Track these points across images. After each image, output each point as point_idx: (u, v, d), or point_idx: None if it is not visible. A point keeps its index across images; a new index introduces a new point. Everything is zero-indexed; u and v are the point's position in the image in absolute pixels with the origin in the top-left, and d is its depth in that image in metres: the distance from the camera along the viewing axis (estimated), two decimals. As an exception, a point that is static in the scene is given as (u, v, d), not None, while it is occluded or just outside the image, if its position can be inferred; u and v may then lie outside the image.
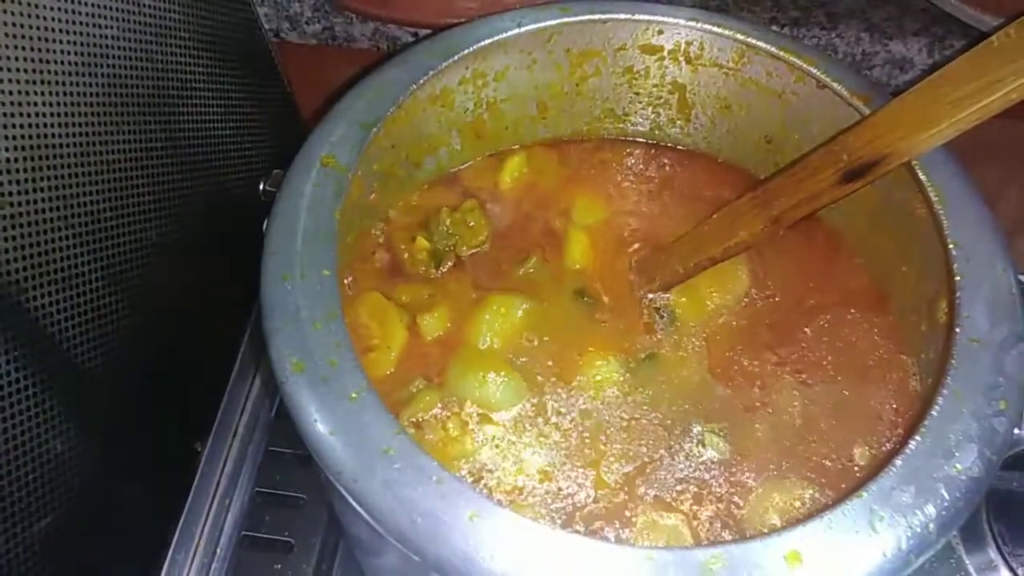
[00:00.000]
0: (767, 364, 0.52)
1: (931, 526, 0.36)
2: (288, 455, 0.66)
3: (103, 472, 0.55)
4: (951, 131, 0.40)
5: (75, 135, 0.50)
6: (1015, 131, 0.67)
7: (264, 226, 0.45)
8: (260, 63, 0.73)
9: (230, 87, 0.67)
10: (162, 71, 0.58)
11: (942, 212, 0.46)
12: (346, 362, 0.39)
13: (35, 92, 0.46)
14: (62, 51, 0.48)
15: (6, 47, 0.44)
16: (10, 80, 0.44)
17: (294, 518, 0.63)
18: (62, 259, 0.49)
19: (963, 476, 0.37)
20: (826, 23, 0.73)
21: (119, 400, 0.56)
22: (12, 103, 0.45)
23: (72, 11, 0.49)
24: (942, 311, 0.45)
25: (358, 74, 0.51)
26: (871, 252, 0.56)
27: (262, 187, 0.53)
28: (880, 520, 0.36)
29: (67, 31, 0.48)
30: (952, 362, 0.41)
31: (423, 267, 0.55)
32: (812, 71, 0.53)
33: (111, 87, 0.53)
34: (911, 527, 0.36)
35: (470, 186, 0.60)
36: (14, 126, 0.45)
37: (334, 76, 0.75)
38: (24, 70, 0.45)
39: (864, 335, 0.53)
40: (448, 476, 0.36)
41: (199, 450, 0.64)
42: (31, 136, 0.46)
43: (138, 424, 0.59)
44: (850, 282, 0.56)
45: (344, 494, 0.37)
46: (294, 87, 0.78)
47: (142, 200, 0.57)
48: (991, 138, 0.52)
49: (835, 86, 0.52)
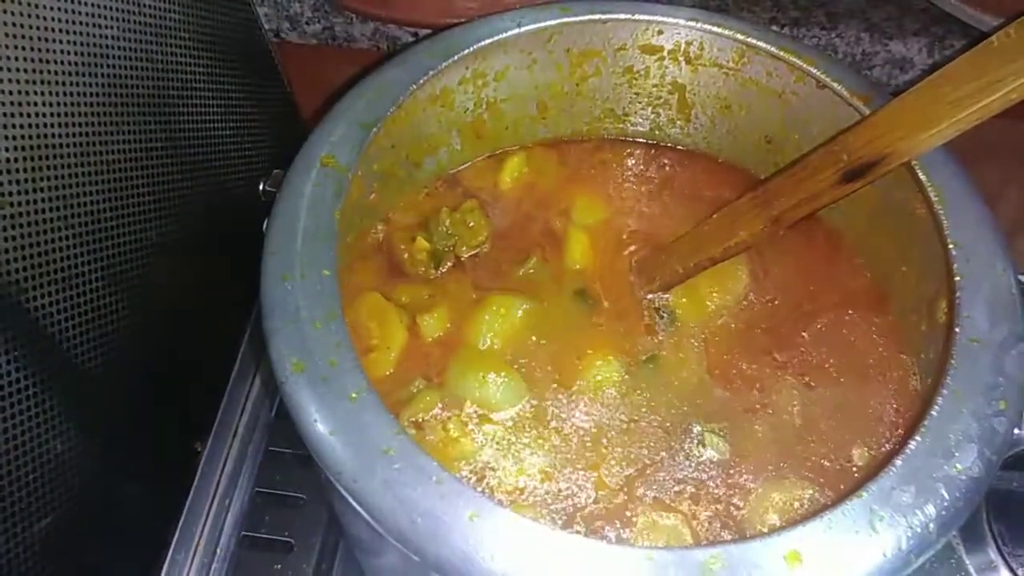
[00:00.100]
0: (767, 364, 0.52)
1: (931, 526, 0.36)
2: (288, 455, 0.66)
3: (103, 472, 0.55)
4: (951, 131, 0.40)
5: (75, 135, 0.50)
6: (1015, 131, 0.67)
7: (264, 226, 0.45)
8: (260, 63, 0.73)
9: (230, 87, 0.67)
10: (162, 71, 0.58)
11: (942, 212, 0.46)
12: (346, 362, 0.39)
13: (35, 92, 0.46)
14: (62, 51, 0.48)
15: (6, 47, 0.44)
16: (10, 80, 0.44)
17: (294, 518, 0.63)
18: (62, 259, 0.49)
19: (963, 476, 0.37)
20: (826, 23, 0.73)
21: (119, 400, 0.56)
22: (12, 103, 0.45)
23: (72, 11, 0.49)
24: (942, 311, 0.45)
25: (358, 74, 0.51)
26: (871, 252, 0.56)
27: (262, 187, 0.53)
28: (880, 520, 0.36)
29: (67, 31, 0.48)
30: (952, 362, 0.41)
31: (423, 267, 0.55)
32: (812, 71, 0.53)
33: (111, 87, 0.53)
34: (911, 527, 0.36)
35: (470, 186, 0.60)
36: (14, 126, 0.45)
37: (334, 76, 0.75)
38: (24, 70, 0.45)
39: (864, 335, 0.53)
40: (448, 476, 0.36)
41: (199, 450, 0.64)
42: (31, 136, 0.46)
43: (138, 424, 0.59)
44: (850, 282, 0.56)
45: (344, 494, 0.37)
46: (294, 87, 0.78)
47: (142, 200, 0.57)
48: (991, 138, 0.52)
49: (835, 86, 0.52)
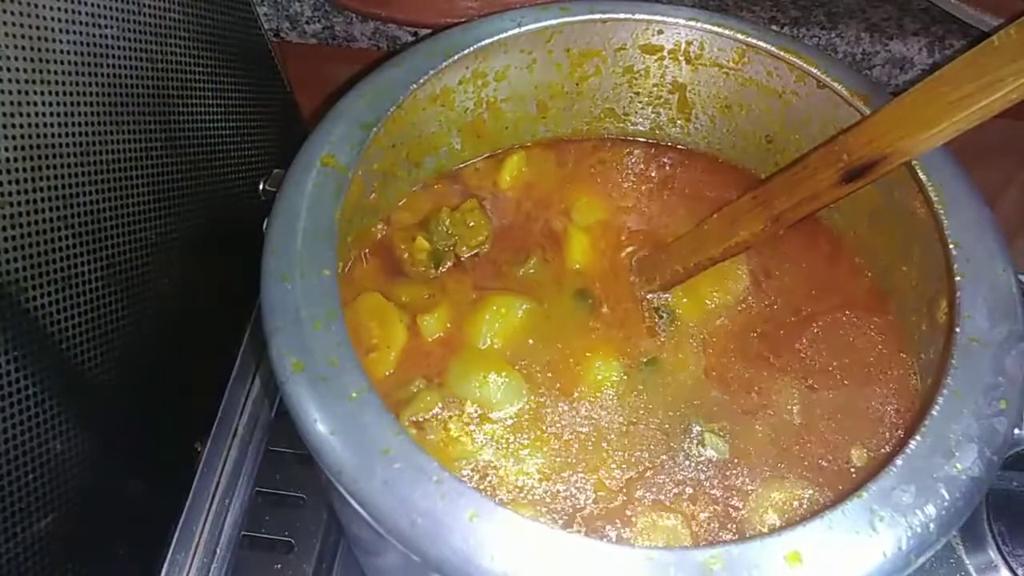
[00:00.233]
0: (767, 364, 0.52)
1: (931, 526, 0.36)
2: (288, 455, 0.66)
3: (103, 472, 0.55)
4: (951, 131, 0.40)
5: (75, 135, 0.50)
6: (1015, 131, 0.67)
7: (264, 226, 0.45)
8: (260, 63, 0.73)
9: (230, 87, 0.67)
10: (162, 71, 0.58)
11: (942, 212, 0.46)
12: (346, 362, 0.39)
13: (35, 92, 0.46)
14: (62, 51, 0.48)
15: (6, 47, 0.44)
16: (10, 80, 0.44)
17: (294, 518, 0.63)
18: (62, 259, 0.49)
19: (963, 476, 0.37)
20: (826, 23, 0.73)
21: (119, 400, 0.56)
22: (12, 103, 0.45)
23: (72, 11, 0.49)
24: (942, 311, 0.45)
25: (358, 74, 0.51)
26: (871, 252, 0.56)
27: (262, 187, 0.53)
28: (880, 520, 0.36)
29: (67, 31, 0.48)
30: (952, 362, 0.41)
31: (423, 267, 0.55)
32: (812, 71, 0.53)
33: (111, 87, 0.53)
34: (911, 527, 0.36)
35: (470, 186, 0.60)
36: (14, 126, 0.45)
37: (334, 76, 0.75)
38: (24, 70, 0.45)
39: (864, 335, 0.53)
40: (448, 476, 0.36)
41: (199, 450, 0.64)
42: (31, 136, 0.46)
43: (138, 424, 0.59)
44: (850, 282, 0.56)
45: (344, 494, 0.37)
46: (294, 87, 0.78)
47: (142, 200, 0.57)
48: (991, 138, 0.52)
49: (835, 86, 0.52)
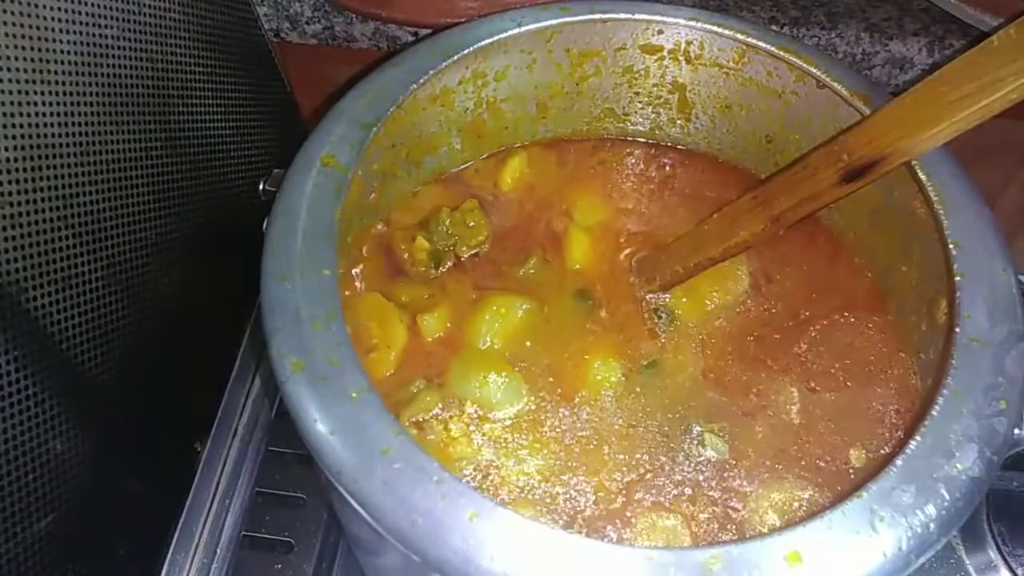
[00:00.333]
0: (767, 365, 0.52)
1: (931, 526, 0.36)
2: (288, 455, 0.66)
3: (103, 472, 0.55)
4: (951, 131, 0.40)
5: (75, 135, 0.50)
6: (1015, 131, 0.68)
7: (264, 226, 0.45)
8: (260, 63, 0.73)
9: (230, 87, 0.67)
10: (162, 71, 0.58)
11: (942, 212, 0.46)
12: (346, 362, 0.39)
13: (35, 92, 0.46)
14: (62, 51, 0.48)
15: (6, 47, 0.44)
16: (10, 80, 0.44)
17: (294, 518, 0.63)
18: (62, 259, 0.49)
19: (963, 476, 0.37)
20: (826, 23, 0.73)
21: (119, 400, 0.56)
22: (12, 103, 0.45)
23: (72, 11, 0.49)
24: (942, 311, 0.45)
25: (358, 74, 0.51)
26: (871, 252, 0.56)
27: (262, 187, 0.53)
28: (880, 520, 0.36)
29: (67, 31, 0.48)
30: (952, 362, 0.41)
31: (423, 267, 0.55)
32: (812, 71, 0.53)
33: (111, 87, 0.53)
34: (911, 527, 0.36)
35: (470, 186, 0.60)
36: (14, 126, 0.45)
37: (334, 76, 0.75)
38: (24, 70, 0.45)
39: (864, 335, 0.53)
40: (448, 476, 0.36)
41: (199, 450, 0.64)
42: (31, 136, 0.46)
43: (138, 424, 0.59)
44: (850, 282, 0.56)
45: (344, 494, 0.37)
46: (294, 87, 0.78)
47: (142, 200, 0.57)
48: (991, 138, 0.52)
49: (835, 86, 0.52)
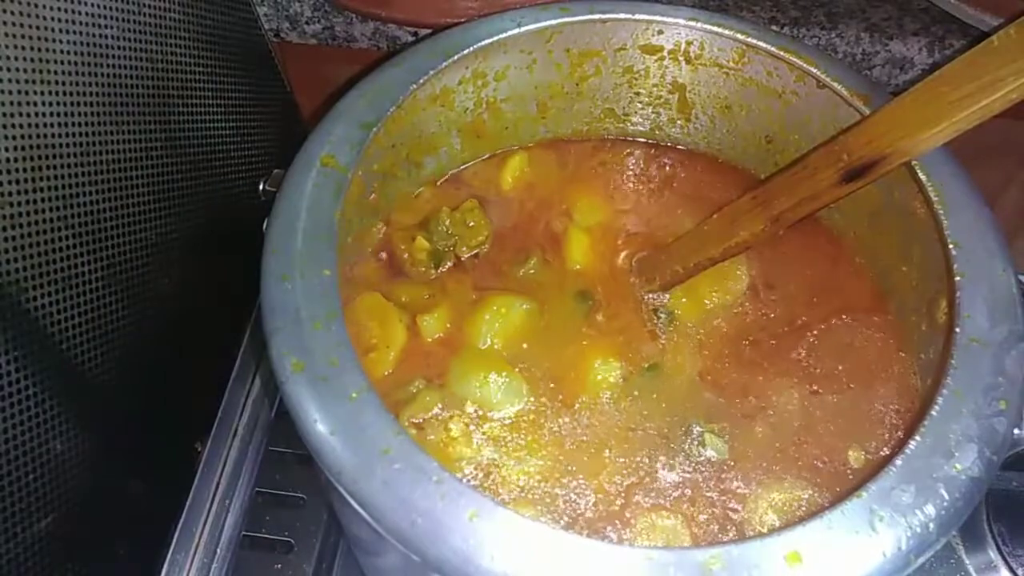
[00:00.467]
0: (767, 365, 0.52)
1: (931, 526, 0.36)
2: (288, 455, 0.66)
3: (103, 472, 0.55)
4: (951, 131, 0.40)
5: (75, 135, 0.50)
6: (1015, 131, 0.68)
7: (264, 226, 0.45)
8: (260, 63, 0.73)
9: (230, 87, 0.67)
10: (162, 71, 0.58)
11: (942, 212, 0.46)
12: (346, 362, 0.39)
13: (35, 92, 0.46)
14: (62, 51, 0.48)
15: (6, 47, 0.44)
16: (10, 80, 0.44)
17: (294, 518, 0.63)
18: (62, 259, 0.49)
19: (963, 476, 0.37)
20: (826, 23, 0.73)
21: (119, 400, 0.56)
22: (12, 103, 0.45)
23: (72, 11, 0.49)
24: (942, 311, 0.45)
25: (358, 74, 0.51)
26: (871, 252, 0.56)
27: (262, 187, 0.53)
28: (880, 520, 0.36)
29: (67, 31, 0.48)
30: (952, 362, 0.41)
31: (423, 267, 0.55)
32: (812, 71, 0.53)
33: (111, 87, 0.53)
34: (911, 527, 0.36)
35: (470, 186, 0.60)
36: (14, 126, 0.45)
37: (334, 76, 0.75)
38: (24, 70, 0.45)
39: (864, 335, 0.53)
40: (448, 476, 0.36)
41: (199, 450, 0.64)
42: (31, 136, 0.46)
43: (138, 424, 0.59)
44: (850, 282, 0.56)
45: (344, 494, 0.37)
46: (294, 87, 0.78)
47: (142, 200, 0.57)
48: (991, 138, 0.52)
49: (835, 86, 0.52)
